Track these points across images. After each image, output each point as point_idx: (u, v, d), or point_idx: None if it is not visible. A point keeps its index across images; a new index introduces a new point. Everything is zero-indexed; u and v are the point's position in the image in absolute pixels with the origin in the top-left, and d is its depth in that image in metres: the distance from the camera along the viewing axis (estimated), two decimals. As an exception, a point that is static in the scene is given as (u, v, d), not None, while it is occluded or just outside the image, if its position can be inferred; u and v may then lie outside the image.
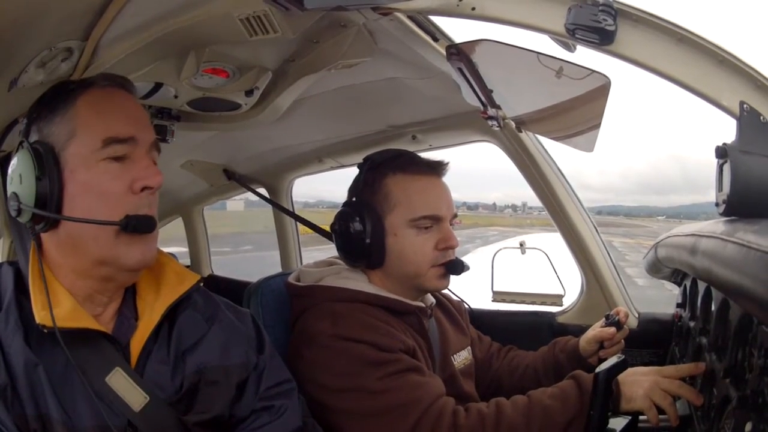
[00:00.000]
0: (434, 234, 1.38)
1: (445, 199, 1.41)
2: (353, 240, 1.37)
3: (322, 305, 1.32)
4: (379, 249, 1.36)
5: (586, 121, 1.47)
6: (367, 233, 1.35)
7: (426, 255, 1.37)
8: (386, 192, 1.37)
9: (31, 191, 0.94)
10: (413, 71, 1.60)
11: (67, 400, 0.90)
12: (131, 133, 0.98)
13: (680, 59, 0.98)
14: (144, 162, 0.99)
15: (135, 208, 0.97)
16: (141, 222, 0.97)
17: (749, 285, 0.80)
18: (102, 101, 0.99)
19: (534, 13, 1.01)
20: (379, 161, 1.42)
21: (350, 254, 1.41)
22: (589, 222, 1.91)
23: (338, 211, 1.42)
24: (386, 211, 1.37)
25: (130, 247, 0.97)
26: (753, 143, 0.96)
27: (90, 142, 0.95)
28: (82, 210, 0.95)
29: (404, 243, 1.36)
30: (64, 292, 0.96)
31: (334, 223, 1.41)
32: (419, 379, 1.23)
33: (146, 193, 0.98)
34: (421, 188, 1.39)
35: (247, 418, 1.07)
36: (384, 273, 1.40)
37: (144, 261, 1.00)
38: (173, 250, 2.45)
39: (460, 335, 1.59)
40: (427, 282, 1.39)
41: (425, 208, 1.36)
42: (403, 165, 1.40)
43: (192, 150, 2.41)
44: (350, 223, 1.37)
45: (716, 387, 1.10)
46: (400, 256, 1.36)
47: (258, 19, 1.19)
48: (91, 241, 0.96)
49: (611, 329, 1.54)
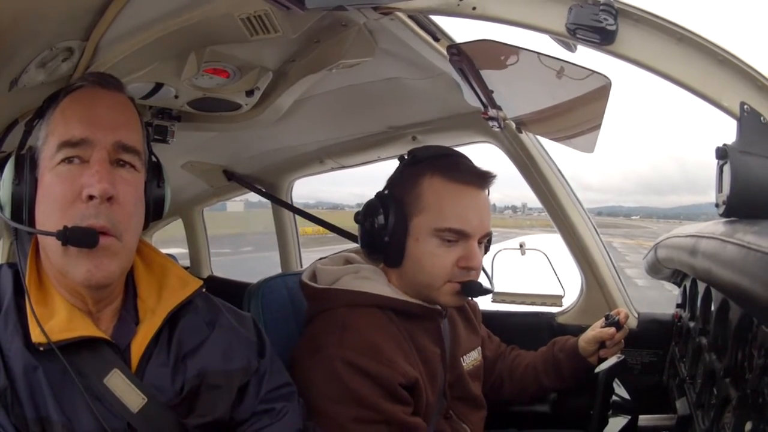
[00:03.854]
0: (458, 249, 1.29)
1: (478, 214, 1.30)
2: (374, 234, 1.32)
3: (336, 311, 1.29)
4: (398, 249, 1.31)
5: (586, 122, 1.47)
6: (388, 231, 1.29)
7: (444, 269, 1.29)
8: (419, 192, 1.30)
9: (8, 196, 0.94)
10: (414, 71, 1.60)
11: (67, 403, 0.90)
12: (84, 134, 0.92)
13: (681, 59, 0.98)
14: (95, 167, 0.91)
15: (80, 218, 0.89)
16: (78, 235, 0.88)
17: (749, 285, 0.81)
18: (71, 103, 0.96)
19: (535, 12, 1.01)
20: (421, 157, 1.35)
21: (370, 248, 1.36)
22: (589, 223, 1.91)
23: (367, 201, 1.37)
24: (414, 212, 1.29)
25: (76, 261, 0.90)
26: (753, 144, 0.97)
27: (51, 146, 0.93)
28: (42, 217, 0.93)
29: (423, 250, 1.29)
30: (60, 298, 0.95)
31: (359, 213, 1.36)
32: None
33: (95, 201, 0.90)
34: (456, 197, 1.29)
35: (248, 420, 1.07)
36: (400, 274, 1.35)
37: (91, 279, 0.91)
38: (173, 251, 2.45)
39: (472, 335, 1.57)
40: (440, 296, 1.32)
41: (453, 220, 1.27)
42: (445, 167, 1.31)
43: (192, 151, 2.41)
44: (375, 217, 1.32)
45: (716, 387, 1.10)
46: (417, 262, 1.30)
47: (259, 19, 1.19)
48: (50, 251, 0.94)
49: (611, 329, 1.55)
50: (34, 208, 0.94)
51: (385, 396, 1.20)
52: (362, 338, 1.23)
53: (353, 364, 1.19)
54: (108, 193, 0.90)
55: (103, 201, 0.90)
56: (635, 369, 1.83)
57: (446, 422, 1.41)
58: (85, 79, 1.00)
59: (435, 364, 1.35)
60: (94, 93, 0.97)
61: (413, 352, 1.30)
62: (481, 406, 1.52)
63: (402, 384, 1.22)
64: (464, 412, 1.46)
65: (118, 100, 0.99)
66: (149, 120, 1.75)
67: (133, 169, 0.97)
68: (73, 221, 0.89)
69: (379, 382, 1.19)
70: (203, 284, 1.10)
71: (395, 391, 1.21)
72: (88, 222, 0.90)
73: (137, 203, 0.99)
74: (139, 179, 1.00)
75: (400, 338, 1.29)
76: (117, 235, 0.92)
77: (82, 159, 0.92)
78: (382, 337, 1.24)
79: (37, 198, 0.94)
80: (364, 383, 1.19)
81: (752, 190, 0.98)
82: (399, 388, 1.21)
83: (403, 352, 1.27)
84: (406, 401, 1.24)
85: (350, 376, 1.19)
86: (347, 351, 1.20)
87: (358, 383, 1.18)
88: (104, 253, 0.91)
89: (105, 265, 0.92)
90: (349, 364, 1.19)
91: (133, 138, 0.97)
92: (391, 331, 1.28)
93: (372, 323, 1.26)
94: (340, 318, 1.27)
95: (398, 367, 1.22)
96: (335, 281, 1.35)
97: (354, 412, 1.18)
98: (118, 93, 1.00)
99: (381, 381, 1.19)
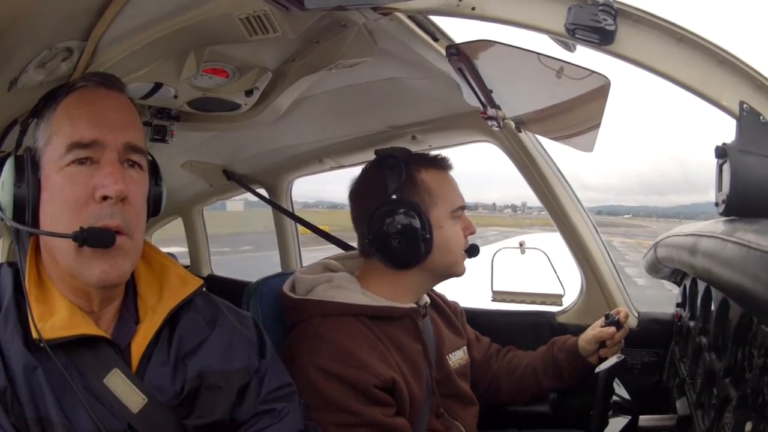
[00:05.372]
0: (461, 222, 1.46)
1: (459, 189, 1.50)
2: (407, 239, 1.36)
3: (309, 322, 1.34)
4: (428, 244, 1.39)
5: (585, 122, 1.47)
6: (426, 228, 1.37)
7: (461, 242, 1.44)
8: (426, 187, 1.41)
9: (9, 198, 0.94)
10: (413, 71, 1.60)
11: (67, 402, 0.90)
12: (94, 136, 0.92)
13: (680, 59, 0.99)
14: (107, 168, 0.92)
15: (94, 219, 0.90)
16: (95, 236, 0.89)
17: (749, 285, 0.81)
18: (76, 103, 0.96)
19: (534, 13, 1.01)
20: (404, 157, 1.43)
21: (396, 253, 1.38)
22: (589, 222, 1.91)
23: (379, 212, 1.38)
24: (430, 205, 1.40)
25: (91, 262, 0.91)
26: (753, 143, 0.97)
27: (58, 147, 0.93)
28: (50, 218, 0.93)
29: (448, 234, 1.41)
30: (61, 297, 0.95)
31: (380, 220, 1.37)
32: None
33: (109, 202, 0.91)
34: (449, 181, 1.47)
35: (248, 421, 1.06)
36: (418, 270, 1.40)
37: (106, 279, 0.92)
38: (173, 250, 2.44)
39: (455, 335, 1.60)
40: (460, 268, 1.46)
41: (459, 198, 1.46)
42: (430, 161, 1.46)
43: (192, 150, 2.41)
44: (404, 221, 1.36)
45: (716, 387, 1.10)
46: (445, 247, 1.40)
47: (258, 19, 1.19)
48: (59, 253, 0.94)
49: (611, 329, 1.55)
50: (38, 209, 0.94)
51: (360, 399, 1.24)
52: (334, 345, 1.28)
53: (326, 371, 1.24)
54: (123, 194, 0.92)
55: (117, 201, 0.92)
56: (635, 369, 1.83)
57: (438, 420, 1.44)
58: (88, 79, 1.00)
59: (418, 360, 1.39)
60: (99, 94, 0.98)
61: (392, 352, 1.34)
62: (472, 402, 1.55)
63: (377, 386, 1.26)
64: (455, 409, 1.49)
65: (123, 101, 1.00)
66: (149, 120, 1.75)
67: (140, 168, 0.99)
68: (88, 222, 0.90)
69: (353, 386, 1.24)
70: (203, 283, 1.10)
71: (370, 393, 1.25)
72: (103, 222, 0.91)
73: (144, 202, 1.01)
74: (146, 178, 1.02)
75: (375, 341, 1.32)
76: (129, 234, 0.94)
77: (93, 160, 0.93)
78: (355, 343, 1.29)
79: (41, 199, 0.94)
80: (338, 388, 1.24)
81: (752, 189, 0.98)
82: (374, 389, 1.25)
83: (379, 354, 1.30)
84: (385, 402, 1.27)
85: (325, 382, 1.24)
86: (320, 358, 1.26)
87: (332, 389, 1.24)
88: (118, 252, 0.93)
89: (119, 264, 0.93)
90: (322, 371, 1.24)
91: (139, 138, 0.99)
92: (365, 335, 1.32)
93: (344, 330, 1.31)
94: (312, 327, 1.32)
95: (371, 370, 1.26)
96: (310, 290, 1.40)
97: (333, 417, 1.23)
98: (121, 94, 1.01)
99: (355, 384, 1.24)
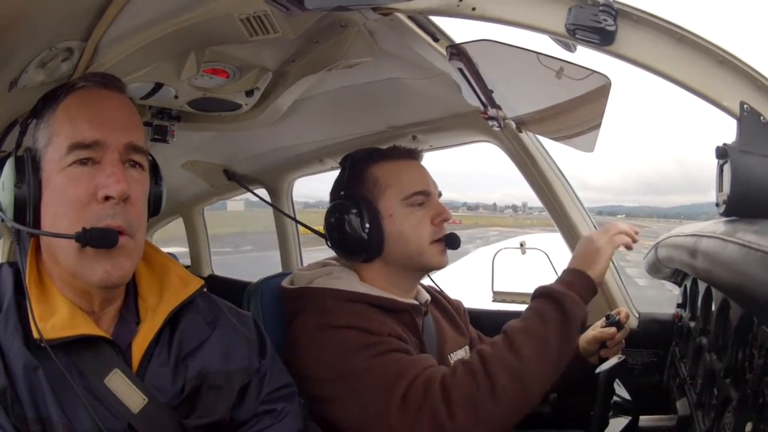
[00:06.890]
0: (428, 210, 1.40)
1: (428, 176, 1.45)
2: (350, 231, 1.37)
3: (313, 306, 1.32)
4: (377, 234, 1.37)
5: (586, 122, 1.47)
6: (365, 219, 1.36)
7: (424, 230, 1.39)
8: (374, 179, 1.40)
9: (10, 198, 0.94)
10: (414, 71, 1.60)
11: (68, 402, 0.89)
12: (96, 136, 0.92)
13: (680, 59, 0.98)
14: (109, 168, 0.92)
15: (96, 219, 0.91)
16: (98, 236, 0.89)
17: (749, 285, 0.81)
18: (77, 103, 0.96)
19: (534, 13, 1.01)
20: (360, 156, 1.46)
21: (347, 247, 1.41)
22: (590, 222, 1.91)
23: (329, 207, 1.43)
24: (377, 195, 1.39)
25: (93, 262, 0.91)
26: (753, 143, 0.97)
27: (59, 148, 0.93)
28: (51, 219, 0.93)
29: (402, 222, 1.38)
30: (61, 297, 0.95)
31: (327, 218, 1.42)
32: (405, 357, 1.22)
33: (111, 202, 0.91)
34: (404, 168, 1.43)
35: (249, 421, 1.06)
36: (383, 263, 1.40)
37: (109, 280, 0.92)
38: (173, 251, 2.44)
39: (458, 335, 1.59)
40: (430, 259, 1.40)
41: (415, 185, 1.40)
42: (384, 154, 1.45)
43: (192, 150, 2.41)
44: (345, 214, 1.38)
45: (716, 387, 1.10)
46: (400, 236, 1.38)
47: (258, 20, 1.19)
48: (60, 253, 0.94)
49: (612, 329, 1.54)
50: (39, 210, 0.94)
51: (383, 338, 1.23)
52: (343, 311, 1.27)
53: (339, 326, 1.24)
54: (125, 194, 0.92)
55: (120, 201, 0.92)
56: (636, 369, 1.83)
57: None
58: (88, 79, 0.99)
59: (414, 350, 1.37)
60: (100, 94, 0.98)
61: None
62: None
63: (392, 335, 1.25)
64: None
65: (124, 102, 1.00)
66: (149, 120, 1.76)
67: (141, 169, 0.99)
68: (90, 222, 0.90)
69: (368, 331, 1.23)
70: (204, 283, 1.10)
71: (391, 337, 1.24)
72: (105, 222, 0.91)
73: (146, 202, 1.01)
74: (147, 178, 1.02)
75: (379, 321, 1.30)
76: (131, 234, 0.94)
77: (94, 161, 0.93)
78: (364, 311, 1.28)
79: (43, 200, 0.94)
80: (355, 334, 1.22)
81: (752, 190, 0.98)
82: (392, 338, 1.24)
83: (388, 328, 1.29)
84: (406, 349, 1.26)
85: (339, 334, 1.23)
86: (329, 320, 1.25)
87: (349, 335, 1.22)
88: (121, 252, 0.93)
89: (122, 264, 0.93)
90: (335, 327, 1.24)
91: (140, 138, 0.99)
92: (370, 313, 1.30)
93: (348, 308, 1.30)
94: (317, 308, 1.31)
95: (387, 323, 1.27)
96: (310, 283, 1.39)
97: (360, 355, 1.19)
98: (122, 94, 1.01)
99: (370, 331, 1.23)
